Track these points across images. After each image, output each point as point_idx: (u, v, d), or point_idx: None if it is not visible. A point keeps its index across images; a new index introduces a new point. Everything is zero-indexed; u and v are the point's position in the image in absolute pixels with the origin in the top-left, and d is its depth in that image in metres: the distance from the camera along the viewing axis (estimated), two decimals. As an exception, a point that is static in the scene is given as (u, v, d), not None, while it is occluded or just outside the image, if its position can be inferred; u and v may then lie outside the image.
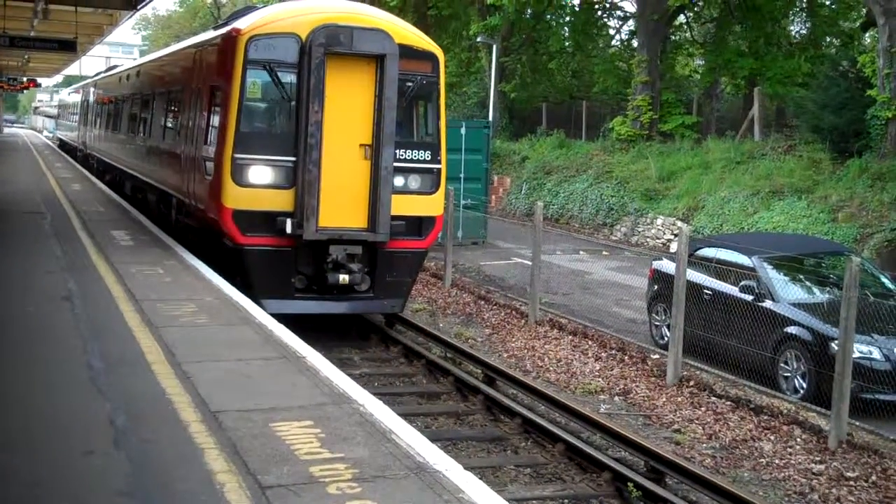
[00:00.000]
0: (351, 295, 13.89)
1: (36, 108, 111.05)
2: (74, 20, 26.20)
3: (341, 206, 13.40)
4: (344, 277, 13.42)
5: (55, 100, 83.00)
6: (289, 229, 13.10)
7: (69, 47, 29.22)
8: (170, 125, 18.20)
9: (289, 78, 13.29)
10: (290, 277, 13.50)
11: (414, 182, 14.05)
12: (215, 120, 14.08)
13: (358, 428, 6.89)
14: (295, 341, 9.56)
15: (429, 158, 14.17)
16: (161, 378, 7.93)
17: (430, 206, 14.26)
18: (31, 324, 9.93)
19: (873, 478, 9.80)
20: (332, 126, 13.16)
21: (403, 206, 13.74)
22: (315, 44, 12.96)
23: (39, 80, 62.95)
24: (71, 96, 49.33)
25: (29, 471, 5.92)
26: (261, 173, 13.25)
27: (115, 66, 35.35)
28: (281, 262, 13.41)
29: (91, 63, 64.86)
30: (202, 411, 7.07)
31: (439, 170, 14.27)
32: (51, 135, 74.77)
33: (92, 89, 34.98)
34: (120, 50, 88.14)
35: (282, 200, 13.22)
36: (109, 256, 14.10)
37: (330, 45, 13.04)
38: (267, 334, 9.83)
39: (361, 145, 13.47)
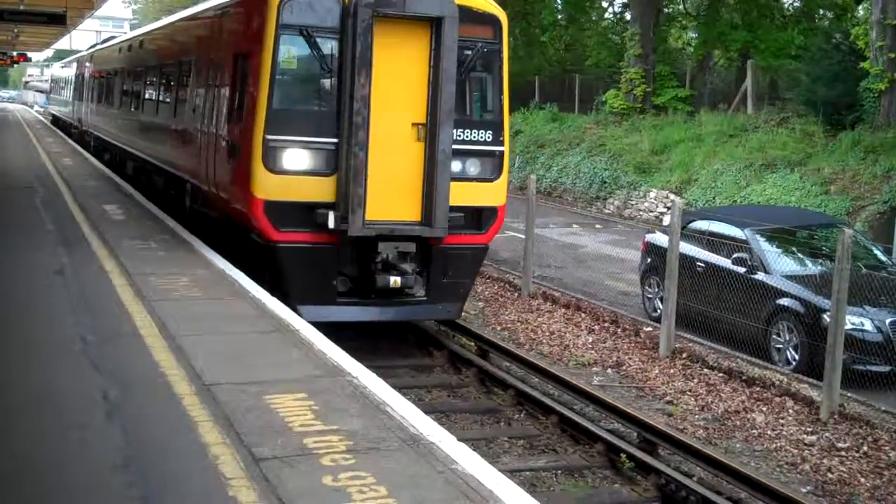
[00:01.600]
0: (401, 299, 12.20)
1: (26, 82, 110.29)
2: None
3: (391, 195, 11.67)
4: (395, 280, 11.70)
5: (46, 74, 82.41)
6: (331, 223, 11.36)
7: (59, 20, 29.04)
8: (182, 100, 16.38)
9: (329, 45, 11.52)
10: (331, 279, 11.81)
11: (473, 167, 12.21)
12: (241, 95, 12.43)
13: (352, 400, 6.91)
14: (289, 315, 9.56)
15: (490, 139, 12.29)
16: (154, 352, 7.93)
17: (492, 194, 12.44)
18: (23, 298, 9.91)
19: (864, 448, 9.86)
20: (381, 102, 11.38)
21: (461, 195, 11.93)
22: (361, 4, 11.12)
23: (30, 54, 62.57)
24: (65, 70, 46.89)
25: (22, 444, 5.93)
26: (297, 157, 11.52)
27: (113, 37, 34.60)
28: (321, 261, 11.71)
29: (82, 37, 64.48)
30: (196, 385, 7.07)
31: (502, 153, 12.43)
32: (42, 109, 74.34)
33: (89, 62, 33.05)
34: (110, 24, 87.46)
35: (322, 189, 11.51)
36: (102, 231, 14.06)
37: (378, 6, 11.23)
38: (261, 308, 9.83)
39: (414, 124, 11.72)
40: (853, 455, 9.73)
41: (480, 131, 12.26)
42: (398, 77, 11.59)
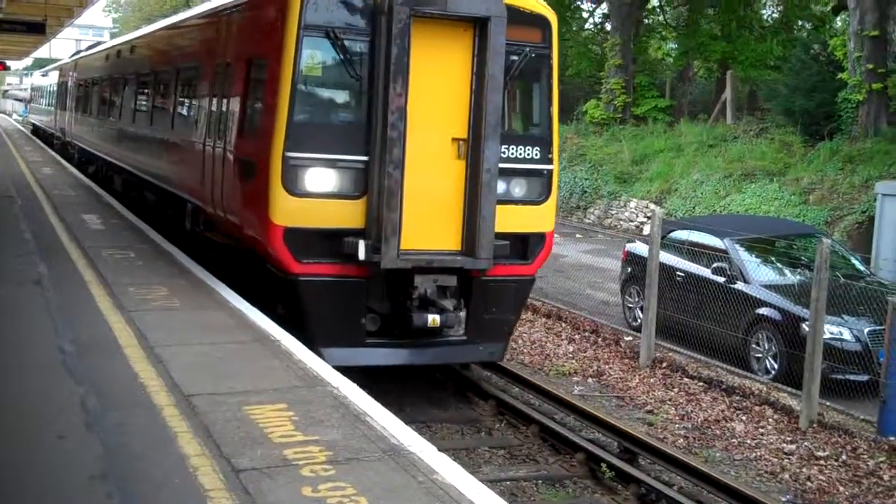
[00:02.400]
0: (437, 339, 10.85)
1: (5, 91, 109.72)
2: (43, 1, 25.87)
3: (428, 221, 10.35)
4: (434, 318, 10.28)
5: (25, 83, 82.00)
6: (362, 254, 9.98)
7: (38, 29, 28.87)
8: (182, 111, 14.89)
9: (359, 48, 10.18)
10: (359, 318, 10.42)
11: (518, 188, 10.88)
12: (255, 105, 11.11)
13: (332, 411, 6.89)
14: (269, 325, 9.53)
15: (537, 156, 10.93)
16: (133, 362, 7.89)
17: (539, 219, 11.12)
18: (1, 308, 9.84)
19: (843, 457, 9.92)
20: (417, 114, 10.06)
21: (506, 219, 10.52)
22: (397, 2, 9.81)
23: (8, 63, 62.24)
24: (47, 77, 45.02)
25: (0, 455, 5.88)
26: (322, 178, 10.13)
27: (98, 43, 34.20)
28: (348, 297, 10.34)
29: (61, 46, 64.20)
30: (175, 395, 7.04)
31: (550, 171, 11.07)
32: (20, 118, 73.96)
33: (73, 69, 31.51)
34: (90, 32, 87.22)
35: (349, 214, 10.17)
36: (80, 240, 13.98)
37: (417, 5, 9.91)
38: (240, 318, 9.79)
39: (454, 140, 10.40)
40: (832, 464, 9.79)
41: (527, 147, 10.89)
42: (437, 86, 10.30)
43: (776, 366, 12.56)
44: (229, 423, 6.46)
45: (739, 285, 13.41)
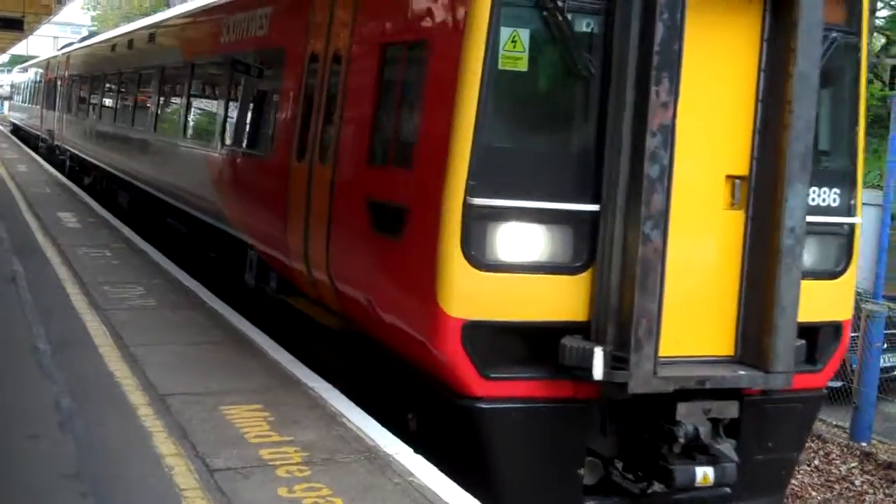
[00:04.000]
0: (690, 495, 6.83)
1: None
2: (21, -3, 25.73)
3: (687, 309, 6.56)
4: (705, 473, 6.49)
5: (3, 80, 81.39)
6: (598, 370, 6.19)
7: (16, 26, 28.69)
8: (245, 119, 11.11)
9: (589, 26, 6.49)
10: (576, 466, 6.64)
11: (806, 252, 6.70)
12: (401, 117, 7.19)
13: (308, 411, 6.88)
14: (244, 325, 9.50)
15: (835, 203, 7.09)
16: (108, 361, 7.85)
17: (835, 301, 7.20)
18: (-25, 306, 9.78)
19: (816, 462, 10.02)
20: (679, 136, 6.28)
21: None
22: None
23: (-15, 59, 61.89)
24: (30, 73, 41.66)
25: (-28, 454, 5.85)
26: (526, 238, 6.37)
27: (95, 34, 33.13)
28: (561, 434, 6.55)
29: (39, 42, 63.84)
30: (150, 395, 7.01)
31: (853, 227, 7.21)
32: (-2, 115, 73.47)
33: (66, 64, 28.14)
34: (69, 30, 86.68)
35: (565, 299, 6.40)
36: (56, 238, 13.91)
37: None
38: (216, 318, 9.75)
39: (728, 178, 6.66)
40: (805, 468, 9.86)
41: (821, 189, 7.01)
42: (704, 90, 6.54)
43: (751, 371, 12.60)
44: (205, 423, 6.44)
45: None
